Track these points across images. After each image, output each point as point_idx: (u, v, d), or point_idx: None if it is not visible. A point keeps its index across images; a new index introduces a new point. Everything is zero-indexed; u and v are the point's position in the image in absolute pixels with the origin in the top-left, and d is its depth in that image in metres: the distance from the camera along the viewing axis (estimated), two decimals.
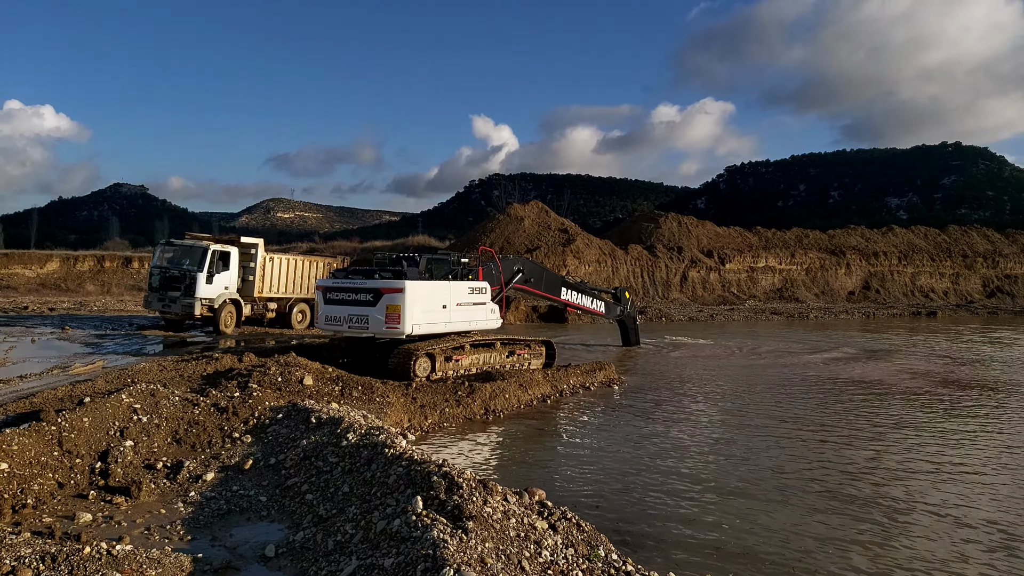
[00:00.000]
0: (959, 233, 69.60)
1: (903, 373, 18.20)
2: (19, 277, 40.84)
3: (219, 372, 11.89)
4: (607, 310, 21.43)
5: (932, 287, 60.73)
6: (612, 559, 4.93)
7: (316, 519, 5.88)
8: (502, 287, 16.11)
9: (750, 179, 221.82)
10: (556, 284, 19.10)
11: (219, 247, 20.99)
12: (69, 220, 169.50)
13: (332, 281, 14.36)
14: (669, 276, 50.57)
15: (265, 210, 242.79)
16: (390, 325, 13.19)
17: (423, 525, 4.81)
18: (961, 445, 10.54)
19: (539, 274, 18.35)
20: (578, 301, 19.83)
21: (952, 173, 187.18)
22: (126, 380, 10.86)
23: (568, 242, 47.56)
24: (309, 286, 23.34)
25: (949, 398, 14.61)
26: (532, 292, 18.44)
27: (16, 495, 6.02)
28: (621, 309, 22.14)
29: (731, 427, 11.50)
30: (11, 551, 4.56)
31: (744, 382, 16.43)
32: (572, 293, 19.46)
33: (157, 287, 20.78)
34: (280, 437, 7.93)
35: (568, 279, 20.30)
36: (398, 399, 11.01)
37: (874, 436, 11.03)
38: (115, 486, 6.55)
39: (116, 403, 7.87)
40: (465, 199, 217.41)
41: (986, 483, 8.62)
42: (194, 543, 5.52)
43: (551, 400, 13.26)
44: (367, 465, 6.50)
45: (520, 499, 5.55)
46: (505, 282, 16.35)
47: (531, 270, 17.85)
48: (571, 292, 19.40)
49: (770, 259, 56.42)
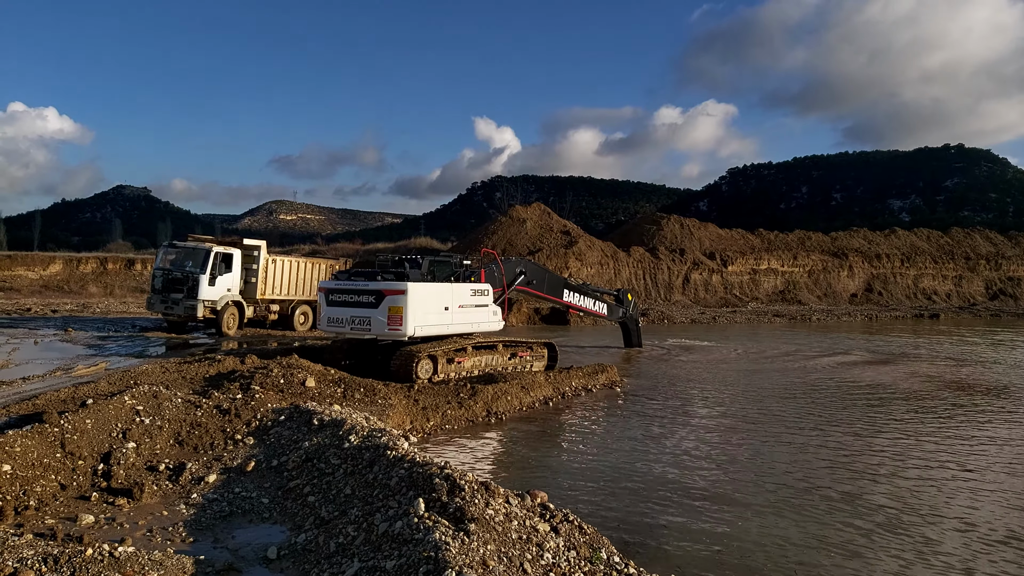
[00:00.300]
0: (962, 235, 69.51)
1: (918, 377, 18.14)
2: (22, 279, 40.95)
3: (221, 374, 11.90)
4: (609, 312, 21.42)
5: (935, 289, 60.64)
6: (614, 561, 4.92)
7: (318, 521, 5.88)
8: (504, 289, 16.11)
9: (752, 181, 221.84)
10: (558, 286, 19.10)
11: (222, 249, 21.02)
12: (72, 222, 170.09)
13: (334, 283, 14.36)
14: (671, 278, 50.54)
15: (268, 212, 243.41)
16: (392, 327, 13.19)
17: (425, 527, 4.81)
18: (979, 453, 10.48)
19: (541, 276, 18.36)
20: (580, 303, 19.83)
21: (955, 175, 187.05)
22: (129, 382, 10.87)
23: (570, 244, 47.56)
24: (311, 288, 23.36)
25: (964, 403, 14.56)
26: (534, 294, 18.43)
27: (19, 496, 6.03)
28: (624, 311, 22.13)
29: (733, 431, 11.47)
30: (14, 552, 4.57)
31: (747, 385, 16.40)
32: (574, 295, 19.46)
33: (160, 289, 20.80)
34: (282, 439, 7.93)
35: (570, 281, 20.31)
36: (400, 401, 11.01)
37: (886, 443, 10.93)
38: (117, 488, 6.56)
39: (119, 405, 7.88)
40: (467, 201, 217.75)
41: (1001, 490, 8.58)
42: (196, 545, 5.52)
43: (553, 402, 13.25)
44: (369, 467, 6.50)
45: (522, 501, 5.54)
46: (507, 284, 16.35)
47: (533, 272, 17.87)
48: (573, 294, 19.40)
49: (772, 261, 56.38)
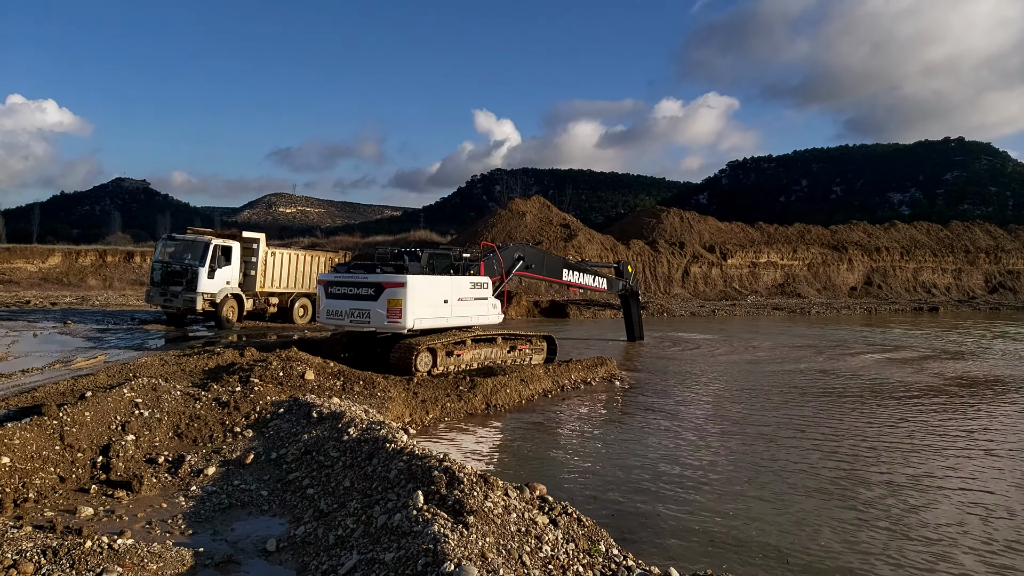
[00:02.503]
0: (961, 229, 69.50)
1: (926, 371, 18.17)
2: (21, 271, 40.91)
3: (221, 366, 11.91)
4: (610, 286, 21.43)
5: (934, 283, 60.64)
6: (613, 554, 4.93)
7: (317, 513, 5.88)
8: (503, 277, 16.10)
9: (752, 174, 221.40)
10: (557, 266, 19.14)
11: (221, 242, 21.00)
12: (71, 215, 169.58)
13: (334, 275, 14.36)
14: (671, 271, 50.53)
15: (267, 205, 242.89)
16: (391, 319, 13.18)
17: (424, 520, 4.82)
18: (988, 452, 10.52)
19: (540, 259, 18.40)
20: (580, 281, 19.88)
21: (955, 168, 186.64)
22: (128, 374, 10.88)
23: (570, 237, 47.54)
24: (310, 281, 23.36)
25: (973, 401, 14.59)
26: (535, 277, 18.57)
27: (18, 489, 6.03)
28: (624, 283, 22.12)
29: (732, 423, 11.49)
30: (13, 545, 4.58)
31: (747, 379, 16.42)
32: (574, 273, 19.50)
33: (159, 282, 20.80)
34: (281, 432, 7.93)
35: (569, 260, 20.24)
36: (399, 394, 11.02)
37: (891, 441, 10.98)
38: (116, 480, 6.57)
39: (118, 397, 7.87)
40: (467, 194, 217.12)
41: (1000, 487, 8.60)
42: (195, 537, 5.53)
43: (552, 395, 13.26)
44: (368, 460, 6.50)
45: (521, 494, 5.55)
46: (506, 271, 16.33)
47: (531, 256, 17.89)
48: (572, 272, 19.43)
49: (772, 254, 56.36)
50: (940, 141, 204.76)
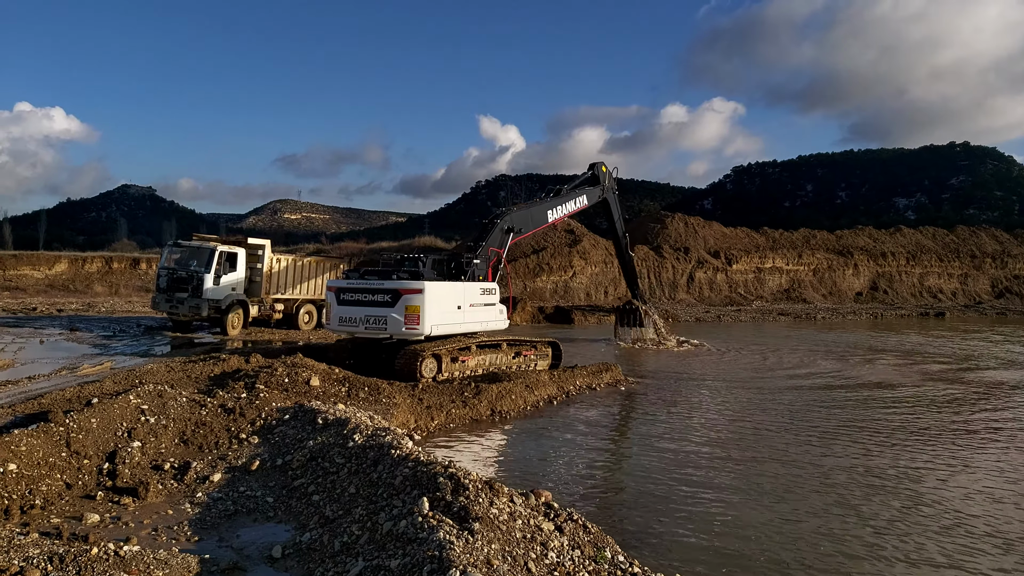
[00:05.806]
0: (967, 233, 69.19)
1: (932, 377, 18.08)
2: (28, 278, 41.08)
3: (226, 373, 11.92)
4: (589, 197, 21.14)
5: (940, 288, 60.39)
6: (618, 560, 4.91)
7: (322, 520, 5.88)
8: (501, 256, 16.27)
9: (757, 179, 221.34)
10: (542, 214, 19.03)
11: (226, 248, 21.06)
12: (77, 221, 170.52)
13: (346, 282, 14.19)
14: (676, 277, 50.45)
15: (272, 211, 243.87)
16: (409, 326, 13.15)
17: (429, 526, 4.81)
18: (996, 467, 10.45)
19: (527, 217, 18.30)
20: (564, 212, 19.91)
21: (960, 173, 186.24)
22: (134, 381, 10.90)
23: (574, 243, 47.52)
24: (316, 287, 23.39)
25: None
26: (531, 234, 18.81)
27: (24, 496, 6.04)
28: (602, 187, 21.73)
29: (738, 431, 11.44)
30: (19, 551, 4.59)
31: (753, 385, 16.36)
32: (557, 210, 19.50)
33: (165, 288, 20.85)
34: (287, 438, 7.94)
35: (548, 200, 19.83)
36: (404, 400, 11.02)
37: (899, 449, 10.91)
38: (123, 487, 6.57)
39: (124, 404, 7.89)
40: (472, 200, 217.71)
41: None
42: (201, 544, 5.53)
43: (557, 401, 13.24)
44: (373, 466, 6.50)
45: (526, 500, 5.53)
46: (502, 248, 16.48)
47: (519, 219, 17.72)
48: (555, 209, 19.42)
49: (777, 260, 56.22)
50: (946, 146, 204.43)
